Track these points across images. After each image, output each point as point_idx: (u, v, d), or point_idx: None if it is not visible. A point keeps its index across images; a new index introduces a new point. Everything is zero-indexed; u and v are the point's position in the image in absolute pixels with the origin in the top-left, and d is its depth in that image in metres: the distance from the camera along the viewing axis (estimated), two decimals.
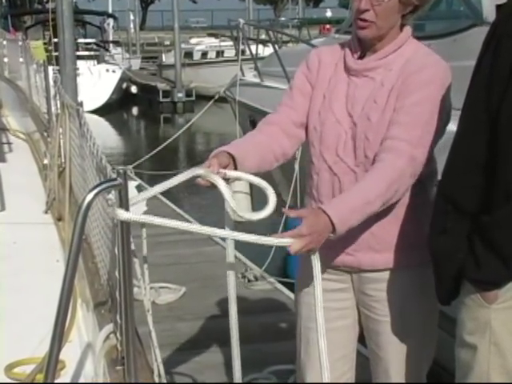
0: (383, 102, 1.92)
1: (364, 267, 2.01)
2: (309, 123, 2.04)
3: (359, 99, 1.96)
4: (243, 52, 8.05)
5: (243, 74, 7.57)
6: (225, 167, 1.76)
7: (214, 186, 1.70)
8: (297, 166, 5.07)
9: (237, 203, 1.68)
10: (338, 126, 1.97)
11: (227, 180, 1.73)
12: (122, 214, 1.34)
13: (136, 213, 1.44)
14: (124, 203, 1.35)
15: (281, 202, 1.67)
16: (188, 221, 6.99)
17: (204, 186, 1.69)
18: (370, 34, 1.94)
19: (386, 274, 2.01)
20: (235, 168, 1.79)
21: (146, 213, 1.81)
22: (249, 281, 5.00)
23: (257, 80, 7.19)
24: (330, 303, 2.06)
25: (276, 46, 6.99)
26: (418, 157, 1.86)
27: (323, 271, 2.06)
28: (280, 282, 5.08)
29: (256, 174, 1.79)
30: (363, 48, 2.00)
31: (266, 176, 1.78)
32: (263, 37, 9.40)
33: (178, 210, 7.51)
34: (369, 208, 1.79)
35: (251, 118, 6.70)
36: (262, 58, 7.96)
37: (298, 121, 2.04)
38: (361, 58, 2.00)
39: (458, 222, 1.67)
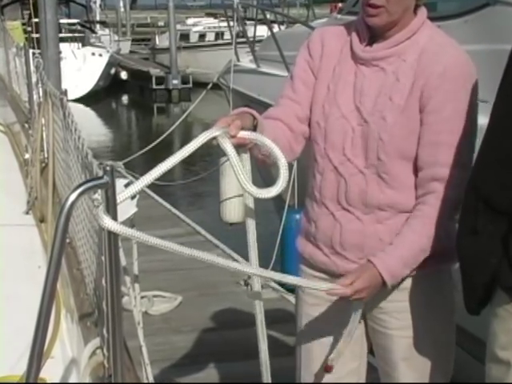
0: (401, 102, 1.89)
1: None
2: (312, 117, 2.01)
3: (369, 92, 1.93)
4: (241, 34, 8.02)
5: (238, 59, 7.55)
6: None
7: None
8: (295, 164, 5.06)
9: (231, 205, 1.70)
10: (343, 121, 1.94)
11: (238, 150, 1.70)
12: (108, 224, 1.32)
13: (125, 213, 1.43)
14: (111, 205, 1.34)
15: (280, 202, 1.68)
16: (184, 222, 6.98)
17: (217, 145, 1.67)
18: (380, 21, 1.89)
19: (401, 284, 1.97)
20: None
21: (137, 214, 1.81)
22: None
23: (253, 66, 7.17)
24: (332, 314, 2.06)
25: (281, 28, 6.95)
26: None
27: (328, 279, 2.05)
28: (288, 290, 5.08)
29: (256, 171, 1.77)
30: (372, 34, 1.96)
31: (264, 175, 1.77)
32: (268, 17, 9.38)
33: (174, 210, 7.50)
34: (422, 256, 1.90)
35: None
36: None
37: (303, 115, 2.01)
38: (369, 44, 1.96)
39: (490, 222, 1.64)
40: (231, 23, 7.63)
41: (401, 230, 1.92)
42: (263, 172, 1.77)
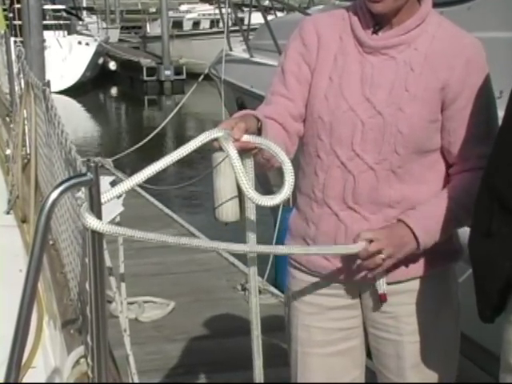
0: (418, 93, 1.91)
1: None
2: (311, 111, 1.99)
3: (380, 82, 1.93)
4: (237, 22, 8.02)
5: (231, 49, 7.54)
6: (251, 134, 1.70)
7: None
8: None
9: (225, 209, 1.68)
10: (352, 114, 1.94)
11: (242, 155, 1.68)
12: (91, 222, 1.32)
13: (110, 213, 1.43)
14: (95, 204, 1.33)
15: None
16: (177, 223, 6.98)
17: (217, 148, 1.65)
18: (384, 8, 1.90)
19: (405, 286, 2.00)
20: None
21: (126, 214, 1.80)
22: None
23: (246, 55, 7.16)
24: (333, 323, 2.06)
25: (277, 15, 6.92)
26: None
27: (327, 286, 2.05)
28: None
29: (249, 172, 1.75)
30: (377, 21, 1.95)
31: (261, 179, 1.75)
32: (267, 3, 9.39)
33: (167, 209, 7.51)
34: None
35: (239, 101, 6.67)
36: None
37: (297, 114, 2.00)
38: (374, 32, 1.96)
39: (505, 224, 1.63)
40: (223, 10, 7.63)
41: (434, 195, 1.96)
42: (260, 176, 1.75)
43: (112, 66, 28.81)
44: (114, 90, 27.90)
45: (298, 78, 2.00)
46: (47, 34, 19.08)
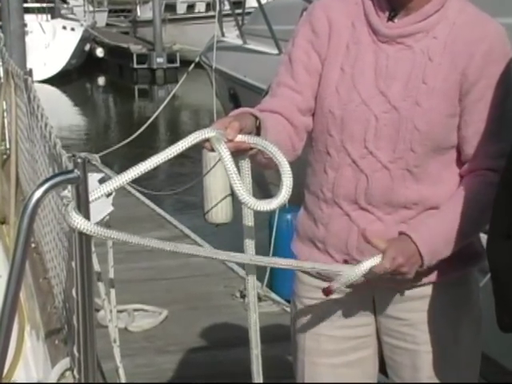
0: (436, 85, 1.91)
1: (394, 284, 1.99)
2: (321, 105, 1.99)
3: (396, 74, 1.93)
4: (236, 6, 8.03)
5: (223, 34, 7.53)
6: (248, 134, 1.70)
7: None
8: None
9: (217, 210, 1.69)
10: (364, 109, 1.94)
11: (237, 156, 1.68)
12: (78, 223, 1.32)
13: (98, 213, 1.43)
14: (83, 203, 1.34)
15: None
16: (170, 223, 6.99)
17: (209, 149, 1.64)
18: None
19: (421, 291, 2.00)
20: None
21: (115, 214, 1.81)
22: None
23: (239, 42, 7.15)
24: (343, 331, 2.06)
25: None
26: None
27: (338, 290, 2.05)
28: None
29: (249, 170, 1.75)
30: (393, 6, 1.95)
31: (255, 173, 1.75)
32: None
33: (159, 209, 7.52)
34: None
35: (231, 91, 6.67)
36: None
37: (305, 107, 1.99)
38: (390, 18, 1.95)
39: None
40: None
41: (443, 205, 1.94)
42: (255, 174, 1.76)
43: (99, 52, 28.83)
44: (101, 79, 27.92)
45: (307, 67, 2.00)
46: (29, 18, 19.11)
